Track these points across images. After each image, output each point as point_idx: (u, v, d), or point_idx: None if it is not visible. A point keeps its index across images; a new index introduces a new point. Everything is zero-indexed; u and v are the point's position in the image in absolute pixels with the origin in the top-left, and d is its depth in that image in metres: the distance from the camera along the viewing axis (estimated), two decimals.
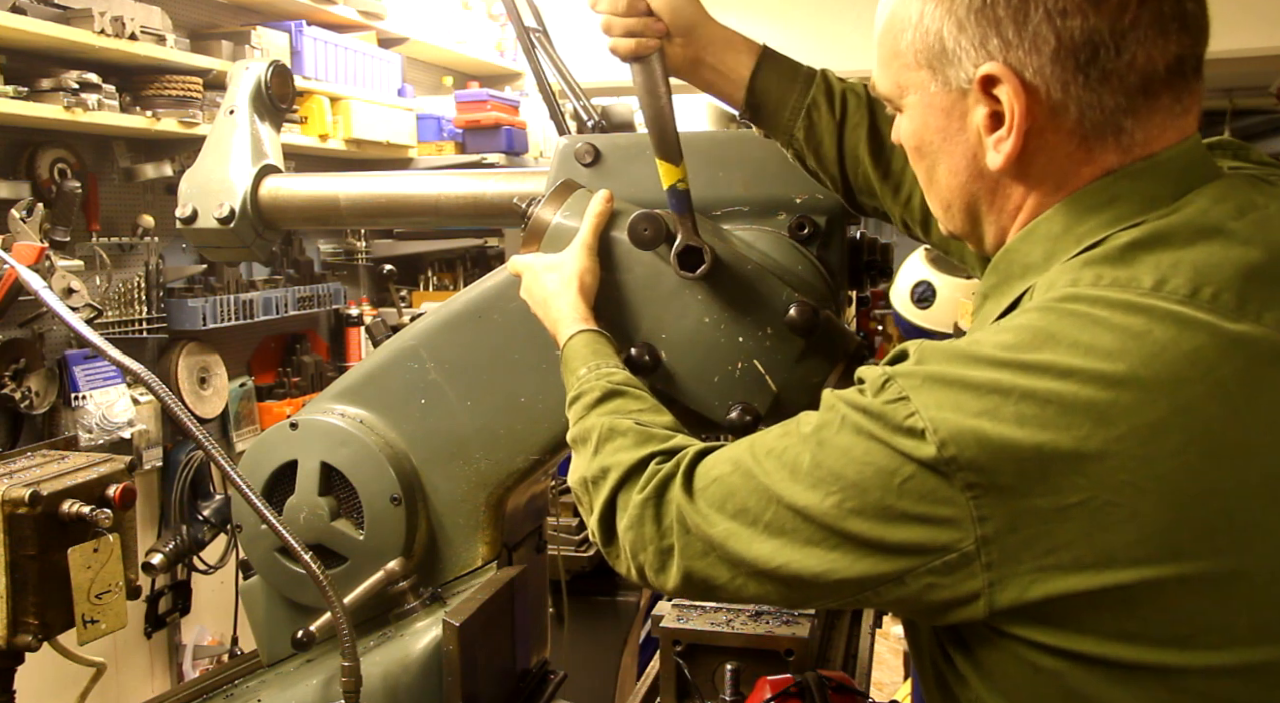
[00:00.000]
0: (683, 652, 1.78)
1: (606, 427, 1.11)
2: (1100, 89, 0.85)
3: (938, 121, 0.93)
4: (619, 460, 1.06)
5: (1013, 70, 0.85)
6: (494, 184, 1.63)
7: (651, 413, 1.14)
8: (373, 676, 1.42)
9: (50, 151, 2.86)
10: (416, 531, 1.55)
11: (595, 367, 1.21)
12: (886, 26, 0.95)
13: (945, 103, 0.92)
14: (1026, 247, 0.91)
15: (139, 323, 3.11)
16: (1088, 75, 0.85)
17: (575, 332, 1.27)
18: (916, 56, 0.92)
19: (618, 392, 1.17)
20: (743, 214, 1.42)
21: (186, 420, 1.34)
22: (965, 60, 0.88)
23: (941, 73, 0.90)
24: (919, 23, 0.91)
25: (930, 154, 0.96)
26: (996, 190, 0.94)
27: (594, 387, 1.18)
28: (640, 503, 1.01)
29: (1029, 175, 0.91)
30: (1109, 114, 0.86)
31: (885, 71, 0.97)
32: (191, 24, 3.35)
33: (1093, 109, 0.86)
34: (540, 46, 1.68)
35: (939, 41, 0.89)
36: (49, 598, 1.30)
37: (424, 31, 4.41)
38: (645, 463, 1.04)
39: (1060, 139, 0.88)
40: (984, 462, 0.78)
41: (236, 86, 1.76)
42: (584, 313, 1.29)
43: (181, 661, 3.42)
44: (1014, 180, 0.92)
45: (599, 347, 1.25)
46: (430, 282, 4.63)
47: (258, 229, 1.71)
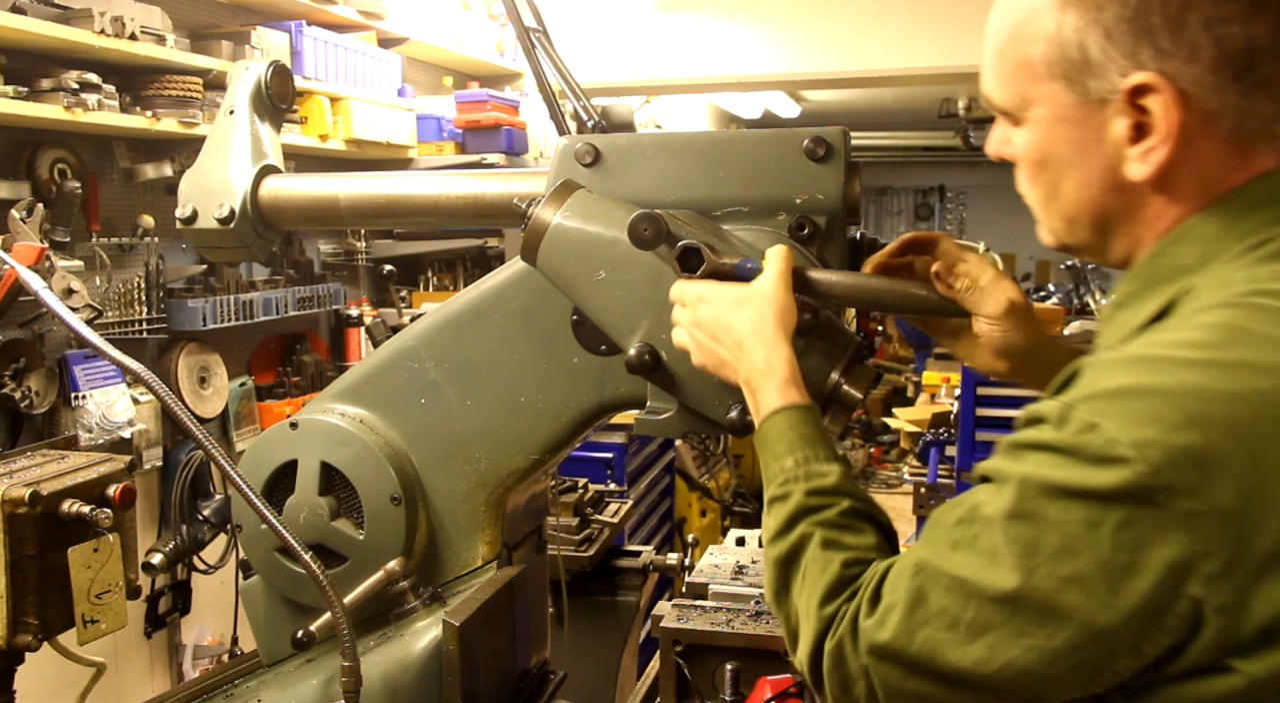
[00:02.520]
0: (683, 652, 1.78)
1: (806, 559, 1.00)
2: (1257, 96, 0.83)
3: (1069, 133, 0.90)
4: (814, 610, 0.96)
5: (1168, 79, 0.83)
6: (494, 184, 1.63)
7: (852, 534, 1.00)
8: (373, 676, 1.42)
9: (50, 151, 2.86)
10: (416, 530, 1.55)
11: (804, 462, 1.05)
12: (1012, 37, 0.92)
13: (1080, 114, 0.89)
14: (1178, 248, 0.87)
15: (139, 323, 3.10)
16: (1244, 83, 0.83)
17: (785, 404, 1.10)
18: (1051, 68, 0.89)
19: (822, 506, 1.02)
20: (743, 214, 1.42)
21: (186, 420, 1.34)
22: (1111, 70, 0.85)
23: (1080, 84, 0.88)
24: (1056, 34, 0.88)
25: (1056, 167, 0.93)
26: (1134, 201, 0.90)
27: (796, 494, 1.04)
28: (834, 649, 0.92)
29: (1173, 184, 0.87)
30: (1264, 121, 0.84)
31: (1008, 83, 0.94)
32: (191, 24, 3.35)
33: (1247, 116, 0.84)
34: (540, 46, 1.68)
35: (1081, 52, 0.87)
36: (49, 598, 1.30)
37: (424, 31, 4.41)
38: (838, 610, 0.94)
39: (1211, 147, 0.85)
40: (1199, 483, 0.71)
41: (236, 86, 1.76)
42: (792, 372, 1.12)
43: (181, 661, 3.42)
44: (1156, 190, 0.88)
45: (809, 431, 1.08)
46: (430, 282, 4.63)
47: (258, 229, 1.71)
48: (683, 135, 1.67)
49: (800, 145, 1.39)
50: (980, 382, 3.41)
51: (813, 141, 1.38)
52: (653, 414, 1.41)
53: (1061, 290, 7.66)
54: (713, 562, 2.07)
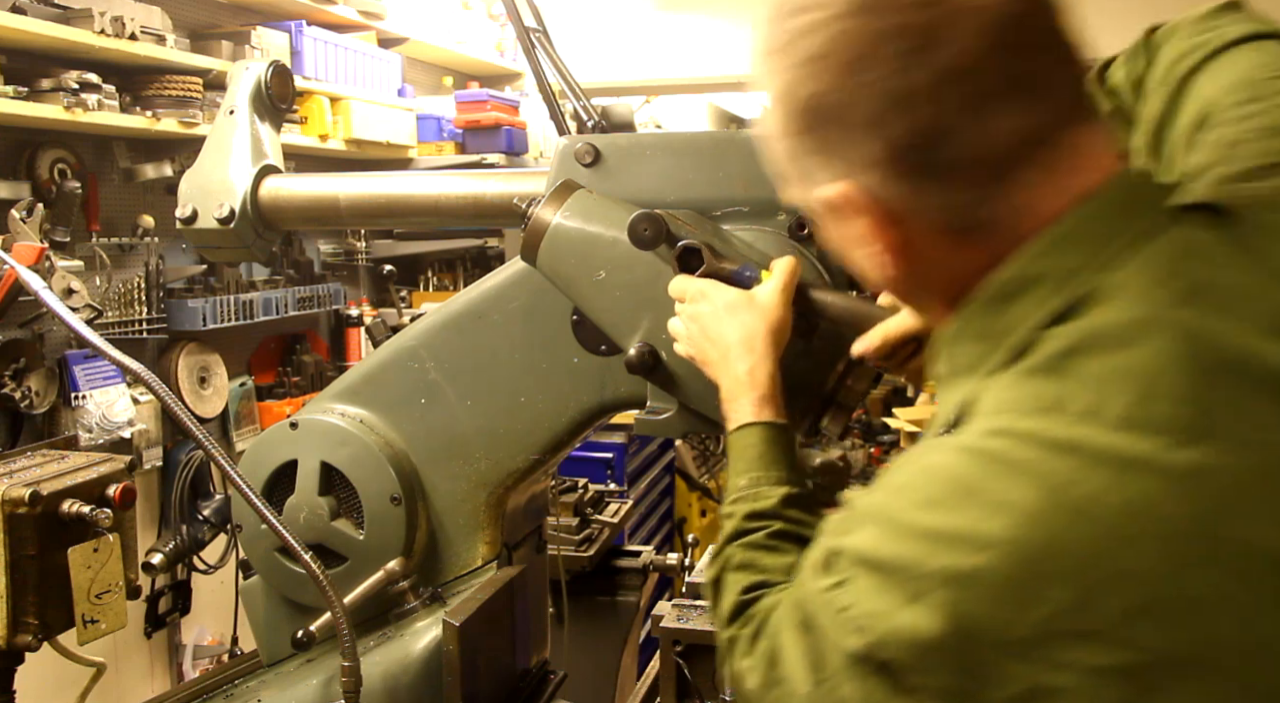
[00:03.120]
0: (683, 652, 1.78)
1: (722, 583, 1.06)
2: (945, 188, 0.77)
3: (835, 231, 0.88)
4: (720, 634, 1.03)
5: (857, 187, 0.79)
6: (494, 184, 1.63)
7: (771, 555, 1.04)
8: (373, 676, 1.42)
9: (50, 151, 2.86)
10: (416, 530, 1.55)
11: (754, 483, 1.09)
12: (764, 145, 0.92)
13: (831, 218, 0.86)
14: (957, 348, 0.83)
15: (139, 323, 3.10)
16: (926, 176, 0.77)
17: (750, 421, 1.13)
18: (790, 176, 0.88)
19: (753, 529, 1.07)
20: (743, 214, 1.42)
21: (186, 420, 1.34)
22: (822, 179, 0.82)
23: (813, 191, 0.85)
24: (781, 148, 0.87)
25: (847, 259, 0.91)
26: (907, 292, 0.90)
27: (736, 515, 1.08)
28: (735, 675, 0.98)
29: (921, 279, 0.84)
30: (965, 210, 0.78)
31: (782, 186, 0.93)
32: (191, 24, 3.35)
33: (945, 210, 0.78)
34: (540, 46, 1.68)
35: (798, 162, 0.85)
36: (49, 598, 1.30)
37: (424, 31, 4.41)
38: (736, 637, 1.00)
39: (929, 244, 0.80)
40: (925, 662, 0.70)
41: (236, 86, 1.76)
42: (770, 388, 1.14)
43: (181, 661, 3.42)
44: (913, 284, 0.86)
45: (768, 449, 1.11)
46: (430, 282, 4.63)
47: (258, 229, 1.71)
48: (683, 135, 1.67)
49: None
50: None
51: None
52: (653, 414, 1.41)
53: None
54: None
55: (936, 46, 0.73)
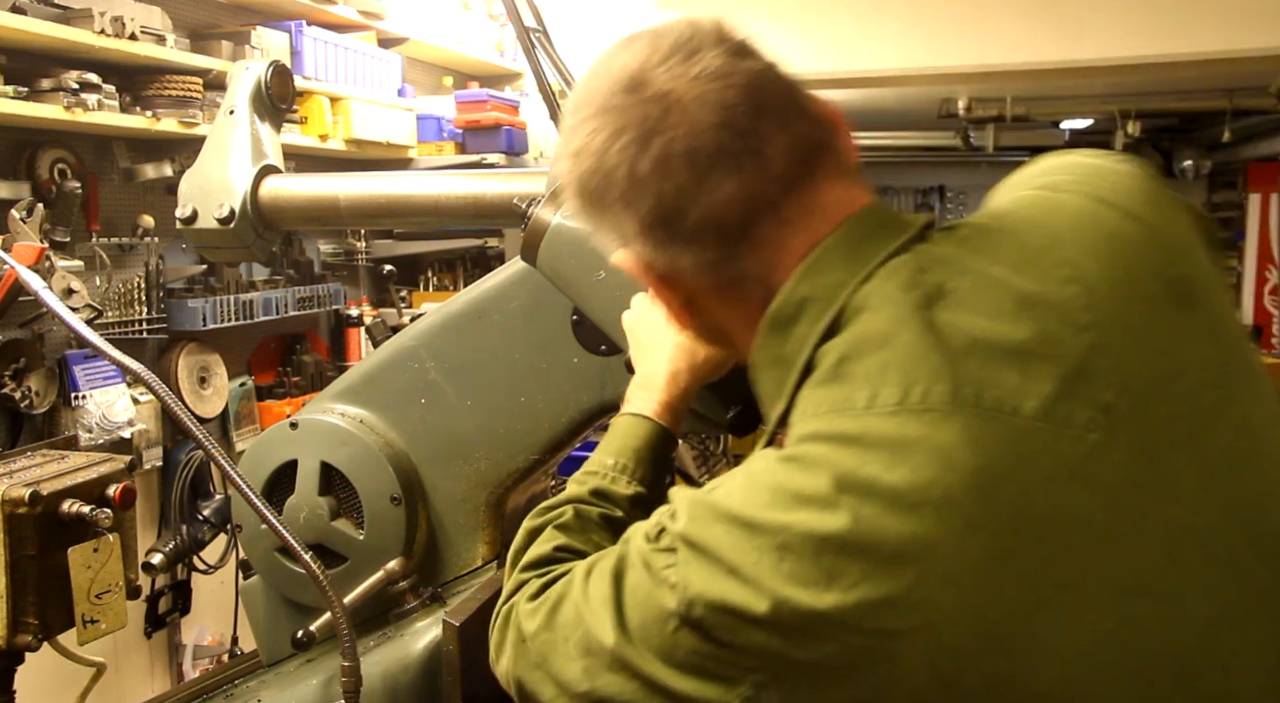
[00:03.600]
0: None
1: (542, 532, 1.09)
2: (694, 251, 0.87)
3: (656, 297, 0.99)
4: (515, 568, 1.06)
5: (633, 254, 0.92)
6: (494, 184, 1.63)
7: (592, 532, 1.09)
8: (373, 676, 1.42)
9: (50, 151, 2.86)
10: (416, 530, 1.55)
11: (618, 468, 1.14)
12: None
13: None
14: (758, 380, 0.91)
15: (139, 323, 3.10)
16: (675, 243, 0.87)
17: (650, 416, 1.17)
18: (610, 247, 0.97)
19: (590, 503, 1.11)
20: None
21: (186, 420, 1.33)
22: (612, 250, 0.95)
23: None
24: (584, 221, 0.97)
25: None
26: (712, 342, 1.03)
27: (587, 485, 1.13)
28: (504, 615, 1.02)
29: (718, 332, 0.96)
30: (718, 268, 0.88)
31: None
32: (191, 24, 3.35)
33: (701, 270, 0.89)
34: (540, 46, 1.68)
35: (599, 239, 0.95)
36: (49, 598, 1.30)
37: (424, 31, 4.40)
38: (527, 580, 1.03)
39: (704, 299, 0.93)
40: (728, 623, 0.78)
41: (236, 86, 1.76)
42: (683, 402, 1.19)
43: (181, 661, 3.42)
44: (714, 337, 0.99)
45: (647, 451, 1.15)
46: (430, 282, 4.63)
47: (258, 229, 1.71)
48: None
49: None
50: None
51: None
52: None
53: None
54: None
55: (659, 134, 0.84)
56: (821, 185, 0.87)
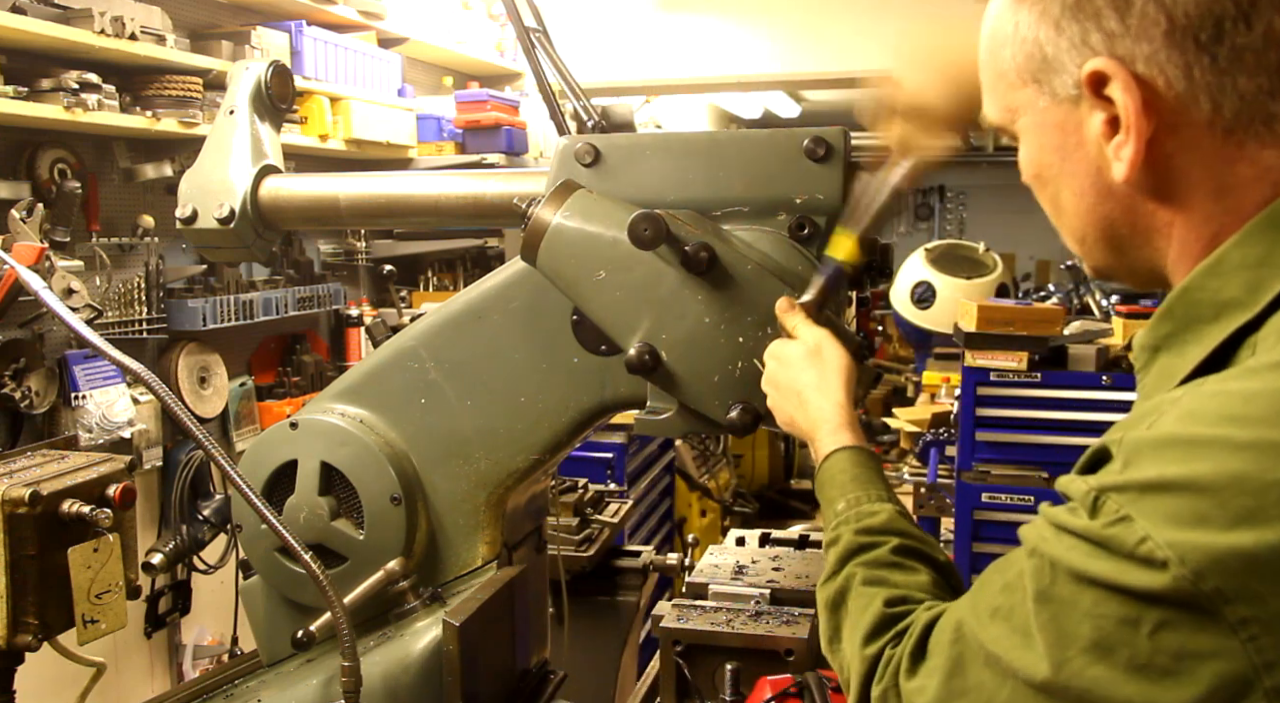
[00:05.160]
0: (683, 652, 1.78)
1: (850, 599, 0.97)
2: (1234, 71, 0.73)
3: (1054, 140, 0.83)
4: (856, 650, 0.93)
5: (1121, 62, 0.75)
6: (494, 184, 1.63)
7: (901, 572, 0.97)
8: (373, 676, 1.42)
9: (50, 151, 2.86)
10: (416, 530, 1.55)
11: (855, 503, 1.05)
12: (987, 48, 0.87)
13: (1058, 117, 0.81)
14: (1216, 281, 0.75)
15: (139, 323, 3.10)
16: (1214, 57, 0.73)
17: (835, 447, 1.11)
18: (1020, 73, 0.83)
19: (871, 544, 1.00)
20: (743, 214, 1.42)
21: (186, 420, 1.33)
22: (1069, 63, 0.78)
23: (1049, 84, 0.81)
24: (1015, 34, 0.82)
25: (1052, 179, 0.85)
26: (1134, 209, 0.80)
27: (845, 535, 1.02)
28: (880, 698, 0.88)
29: (1170, 185, 0.78)
30: (1253, 99, 0.73)
31: (993, 97, 0.88)
32: (191, 24, 3.35)
33: (1231, 96, 0.73)
34: (540, 46, 1.68)
35: (1039, 49, 0.80)
36: (49, 598, 1.30)
37: (424, 31, 4.41)
38: (881, 652, 0.90)
39: (1198, 136, 0.75)
40: (1256, 588, 0.62)
41: (236, 86, 1.76)
42: (847, 417, 1.14)
43: (181, 661, 3.42)
44: (1151, 195, 0.79)
45: (860, 472, 1.08)
46: (430, 282, 4.63)
47: (258, 229, 1.71)
48: (682, 135, 1.67)
49: (800, 145, 1.39)
50: (980, 381, 3.41)
51: (813, 141, 1.38)
52: (653, 414, 1.41)
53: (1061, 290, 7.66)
54: (713, 562, 2.07)
55: None
56: None
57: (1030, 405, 3.31)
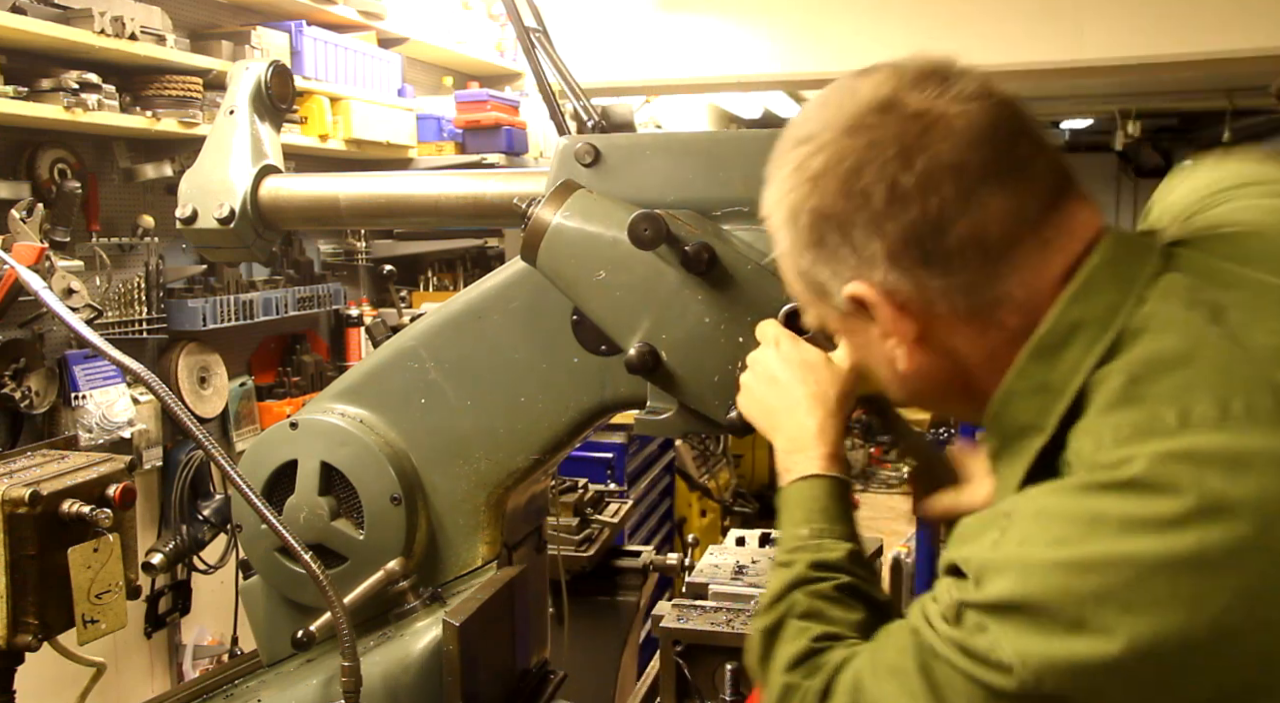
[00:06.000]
0: (683, 652, 1.78)
1: (784, 629, 1.02)
2: (950, 274, 0.84)
3: (855, 340, 0.97)
4: (778, 674, 0.99)
5: (871, 285, 0.87)
6: (494, 184, 1.63)
7: (838, 607, 1.02)
8: (373, 676, 1.42)
9: (50, 151, 2.86)
10: (416, 530, 1.55)
11: (818, 534, 1.06)
12: (786, 275, 0.99)
13: (848, 326, 0.95)
14: (1011, 408, 0.88)
15: (139, 323, 3.10)
16: (929, 265, 0.84)
17: (818, 473, 1.10)
18: (808, 295, 0.96)
19: (819, 578, 1.03)
20: (743, 214, 1.42)
21: (186, 420, 1.33)
22: (834, 289, 0.91)
23: (829, 302, 0.93)
24: (793, 266, 0.95)
25: (872, 368, 0.99)
26: (930, 381, 0.93)
27: (799, 564, 1.05)
28: None
29: (947, 361, 0.90)
30: (973, 291, 0.85)
31: (808, 312, 1.01)
32: (191, 24, 3.35)
33: (953, 295, 0.85)
34: (540, 46, 1.68)
35: (812, 280, 0.93)
36: (49, 598, 1.30)
37: (424, 31, 4.41)
38: (796, 683, 0.97)
39: (951, 324, 0.87)
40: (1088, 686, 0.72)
41: (236, 86, 1.76)
42: (839, 447, 1.13)
43: (181, 661, 3.42)
44: (937, 371, 0.92)
45: (830, 504, 1.08)
46: (430, 282, 4.63)
47: (258, 229, 1.71)
48: (683, 135, 1.67)
49: None
50: None
51: None
52: (653, 414, 1.41)
53: None
54: (713, 562, 2.07)
55: (922, 150, 0.82)
56: (1072, 206, 0.86)
57: None
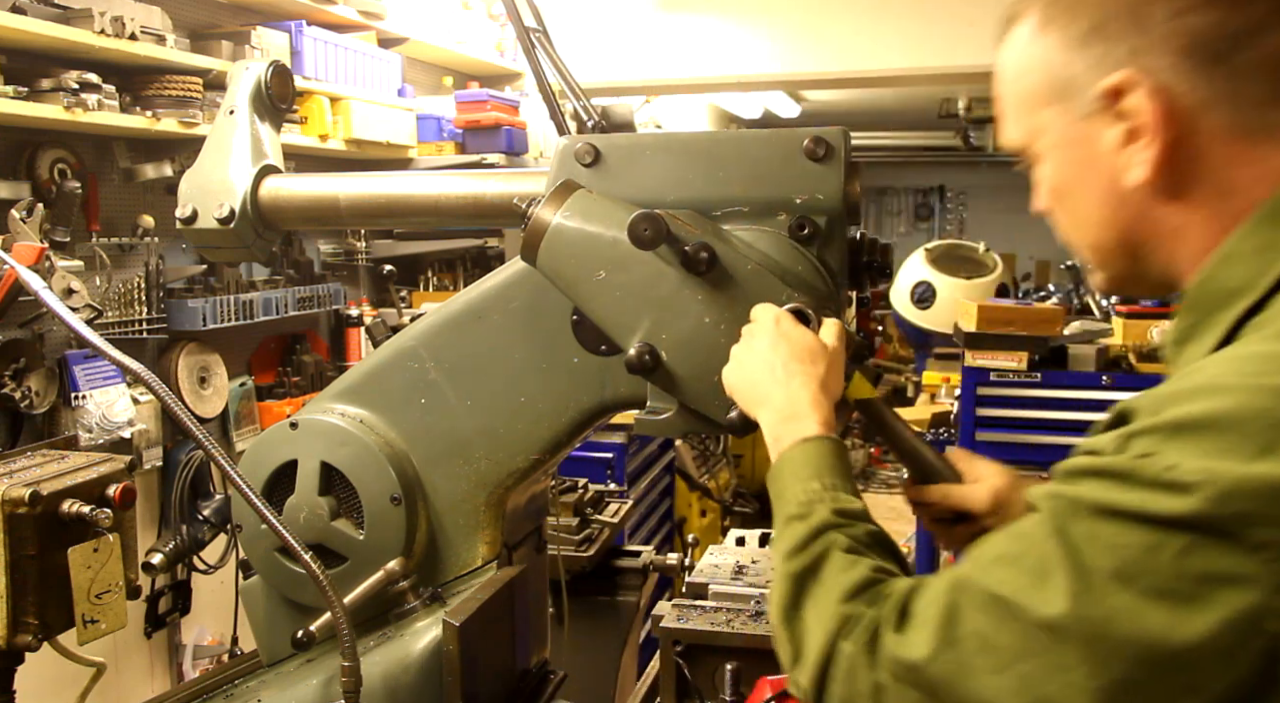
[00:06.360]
0: (683, 652, 1.78)
1: (829, 563, 0.92)
2: (1241, 83, 0.80)
3: (1074, 155, 0.90)
4: (830, 609, 0.88)
5: (1142, 73, 0.82)
6: (494, 184, 1.63)
7: (877, 555, 0.94)
8: (373, 676, 1.42)
9: (50, 151, 2.86)
10: (416, 530, 1.55)
11: (832, 488, 1.00)
12: (1010, 76, 0.94)
13: (1078, 133, 0.88)
14: (1225, 270, 0.82)
15: (139, 323, 3.10)
16: (1225, 68, 0.80)
17: (820, 435, 1.05)
18: (1042, 96, 0.90)
19: (849, 524, 0.96)
20: (743, 214, 1.42)
21: (186, 420, 1.33)
22: (1091, 80, 0.85)
23: (1070, 102, 0.88)
24: (1041, 59, 0.89)
25: (1071, 193, 0.92)
26: (1148, 214, 0.86)
27: (821, 511, 0.97)
28: (848, 657, 0.84)
29: (1183, 190, 0.84)
30: (1258, 109, 0.81)
31: (1015, 122, 0.95)
32: (191, 24, 3.35)
33: (1238, 106, 0.81)
34: (540, 46, 1.68)
35: (1064, 70, 0.87)
36: (49, 598, 1.30)
37: (424, 31, 4.41)
38: (857, 612, 0.86)
39: (1208, 143, 0.82)
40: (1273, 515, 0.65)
41: (236, 86, 1.76)
42: (832, 415, 1.10)
43: (181, 661, 3.42)
44: (1166, 199, 0.85)
45: (838, 464, 1.03)
46: (430, 282, 4.63)
47: (258, 229, 1.71)
48: (683, 135, 1.67)
49: (800, 145, 1.38)
50: (980, 381, 3.41)
51: (813, 141, 1.38)
52: (653, 414, 1.41)
53: (1061, 290, 7.67)
54: (713, 562, 2.07)
55: None
56: None
57: (1030, 405, 3.32)
